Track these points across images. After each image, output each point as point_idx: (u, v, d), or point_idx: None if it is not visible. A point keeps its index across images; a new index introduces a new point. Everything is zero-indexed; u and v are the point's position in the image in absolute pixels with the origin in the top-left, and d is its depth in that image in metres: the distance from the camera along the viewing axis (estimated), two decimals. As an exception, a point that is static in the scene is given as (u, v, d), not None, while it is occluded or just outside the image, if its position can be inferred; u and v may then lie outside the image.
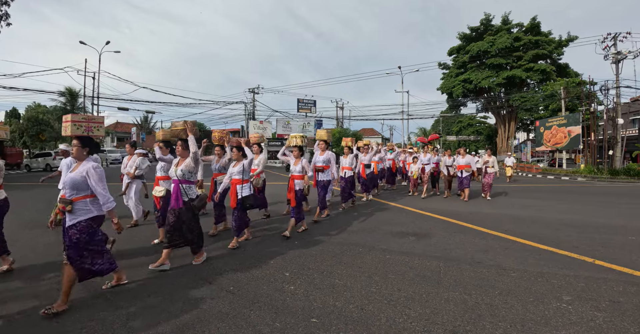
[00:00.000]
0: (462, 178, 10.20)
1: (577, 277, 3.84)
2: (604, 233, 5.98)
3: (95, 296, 3.32)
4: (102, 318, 2.85)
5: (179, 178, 4.12)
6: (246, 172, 5.10)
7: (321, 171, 7.03)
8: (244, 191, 5.05)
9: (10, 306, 3.07)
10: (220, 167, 6.17)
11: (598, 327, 2.72)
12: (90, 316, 2.88)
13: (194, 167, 4.18)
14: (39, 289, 3.49)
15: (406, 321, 2.79)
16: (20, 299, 3.24)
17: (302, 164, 5.89)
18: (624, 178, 19.07)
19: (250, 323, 2.76)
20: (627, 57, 21.38)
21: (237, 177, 5.10)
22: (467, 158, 10.28)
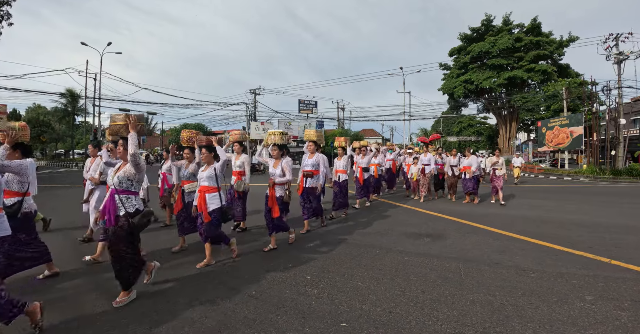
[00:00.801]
0: (466, 181, 9.70)
1: (595, 277, 3.89)
2: (614, 233, 6.04)
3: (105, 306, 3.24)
4: (125, 325, 2.83)
5: (116, 186, 3.32)
6: (219, 178, 4.40)
7: (310, 177, 6.13)
8: (213, 201, 4.31)
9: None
10: (190, 173, 5.17)
11: (624, 326, 2.77)
12: (112, 324, 2.87)
13: (134, 173, 3.38)
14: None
15: (436, 324, 2.83)
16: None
17: (282, 166, 5.16)
18: (627, 178, 19.14)
19: (279, 329, 2.76)
20: (629, 57, 21.50)
21: (205, 183, 4.36)
22: (470, 159, 9.75)
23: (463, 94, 35.17)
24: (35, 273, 3.93)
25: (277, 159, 5.28)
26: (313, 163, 6.19)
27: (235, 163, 6.16)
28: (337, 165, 7.73)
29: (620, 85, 22.38)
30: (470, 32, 34.96)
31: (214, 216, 4.30)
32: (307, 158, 6.27)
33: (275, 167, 5.21)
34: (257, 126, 43.43)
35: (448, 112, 43.66)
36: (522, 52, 32.02)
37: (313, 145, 6.36)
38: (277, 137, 5.59)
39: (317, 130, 6.68)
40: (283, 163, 5.19)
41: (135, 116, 3.47)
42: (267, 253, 4.90)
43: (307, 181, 6.14)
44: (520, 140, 41.47)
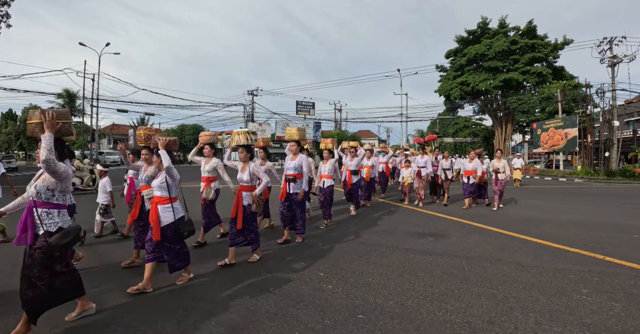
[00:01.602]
0: (469, 185, 9.06)
1: (591, 272, 4.16)
2: (609, 232, 6.34)
3: (141, 301, 3.44)
4: (154, 321, 2.97)
5: (34, 198, 2.78)
6: (172, 187, 3.77)
7: (292, 182, 5.48)
8: (166, 214, 3.71)
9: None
10: (149, 177, 4.62)
11: (617, 315, 3.04)
12: (141, 320, 3.00)
13: (54, 182, 2.79)
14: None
15: (445, 314, 3.08)
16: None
17: (250, 170, 4.53)
18: (620, 179, 19.55)
19: (301, 321, 2.97)
20: (622, 60, 22.00)
21: (157, 193, 3.77)
22: (474, 163, 9.10)
23: (459, 96, 35.54)
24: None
25: (245, 162, 4.64)
26: (296, 166, 5.53)
27: (204, 168, 5.63)
28: (322, 169, 6.90)
29: (614, 87, 22.86)
30: (467, 35, 35.37)
31: (167, 234, 3.68)
32: (290, 160, 5.63)
33: (243, 171, 4.57)
34: (255, 127, 43.64)
35: (444, 114, 44.06)
36: (517, 55, 32.46)
37: (295, 145, 5.69)
38: (242, 137, 4.76)
39: (299, 128, 6.02)
40: (251, 167, 4.56)
41: (53, 112, 2.80)
42: (277, 254, 5.09)
43: (291, 186, 5.49)
44: (516, 141, 42.02)
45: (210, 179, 5.57)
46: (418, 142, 20.11)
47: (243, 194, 4.49)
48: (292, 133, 5.90)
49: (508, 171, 9.28)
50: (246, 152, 4.67)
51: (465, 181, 9.21)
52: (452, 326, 2.87)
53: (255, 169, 4.55)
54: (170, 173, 3.70)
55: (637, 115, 32.54)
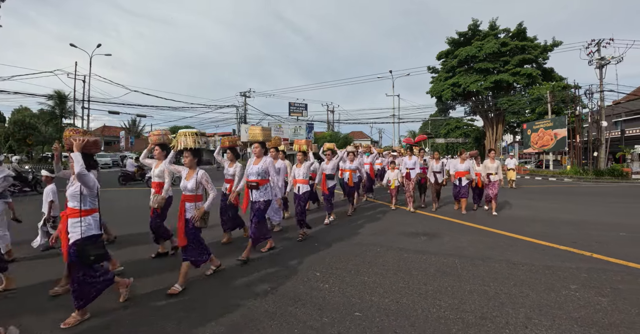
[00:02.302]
0: (461, 187, 8.59)
1: (579, 269, 4.30)
2: (597, 230, 6.51)
3: (140, 303, 3.46)
4: (154, 322, 3.02)
5: None
6: (85, 197, 3.19)
7: (255, 189, 4.85)
8: (75, 230, 3.11)
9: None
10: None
11: (604, 310, 3.17)
12: (141, 322, 3.03)
13: None
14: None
15: (439, 311, 3.18)
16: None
17: (197, 178, 3.89)
18: (608, 178, 19.94)
19: (300, 320, 3.04)
20: (610, 62, 22.44)
21: (70, 204, 3.20)
22: (467, 164, 8.60)
23: (451, 97, 35.87)
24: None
25: (192, 168, 3.99)
26: (259, 171, 4.84)
27: (153, 172, 5.07)
28: (296, 173, 6.26)
29: (602, 88, 23.30)
30: (458, 37, 35.74)
31: (72, 253, 3.08)
32: (252, 164, 4.93)
33: (188, 179, 3.91)
34: (247, 129, 43.50)
35: (436, 115, 44.41)
36: (507, 56, 32.86)
37: (259, 147, 4.99)
38: (190, 139, 4.12)
39: (263, 128, 5.30)
40: (199, 174, 3.91)
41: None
42: (272, 254, 5.13)
43: (253, 194, 4.91)
44: (507, 141, 42.52)
45: (161, 185, 4.95)
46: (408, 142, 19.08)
47: (186, 205, 3.88)
48: (256, 133, 5.22)
49: (501, 173, 8.58)
50: (192, 157, 4.02)
51: (456, 184, 8.65)
52: (446, 322, 2.97)
53: (204, 178, 3.90)
54: (83, 181, 3.09)
55: (625, 116, 33.13)
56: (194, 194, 3.91)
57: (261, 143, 5.06)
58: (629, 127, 32.60)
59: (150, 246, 5.14)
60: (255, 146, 5.01)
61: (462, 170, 8.62)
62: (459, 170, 8.64)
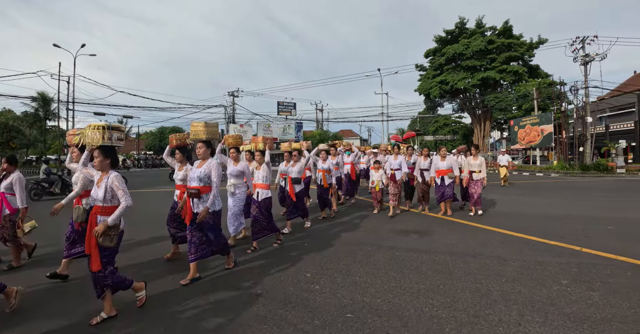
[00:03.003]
0: (445, 187, 7.73)
1: (569, 264, 4.30)
2: (584, 224, 6.58)
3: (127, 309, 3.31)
4: (141, 328, 2.90)
5: None
6: None
7: (196, 197, 4.05)
8: None
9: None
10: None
11: (595, 304, 3.16)
12: (127, 328, 2.92)
13: None
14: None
15: (432, 310, 3.13)
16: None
17: (108, 184, 3.14)
18: (594, 173, 20.29)
19: (291, 323, 2.96)
20: (594, 59, 22.87)
21: None
22: (448, 161, 7.75)
23: (439, 94, 36.17)
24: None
25: (104, 171, 3.25)
26: (201, 176, 4.03)
27: (73, 178, 4.31)
28: (256, 177, 5.49)
29: (587, 85, 23.74)
30: (445, 35, 36.00)
31: None
32: (196, 167, 4.19)
33: (99, 185, 3.20)
34: (236, 128, 43.22)
35: (424, 112, 44.76)
36: (494, 54, 33.25)
37: (204, 147, 4.21)
38: (98, 134, 3.29)
39: (207, 123, 4.55)
40: (109, 179, 3.16)
41: None
42: (263, 256, 5.02)
43: (194, 203, 4.07)
44: (494, 138, 43.06)
45: (87, 193, 4.04)
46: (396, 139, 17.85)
47: (98, 219, 3.12)
48: (198, 130, 4.43)
49: (485, 171, 7.80)
50: (103, 157, 3.23)
51: (438, 183, 7.82)
52: (439, 321, 2.92)
53: (115, 182, 3.13)
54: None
55: (609, 111, 33.82)
56: (108, 205, 3.14)
57: (205, 143, 4.27)
58: (613, 122, 33.30)
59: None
60: (199, 146, 4.24)
61: (443, 168, 7.75)
62: (439, 168, 7.78)
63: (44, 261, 4.79)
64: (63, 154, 32.42)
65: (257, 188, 5.41)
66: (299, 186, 6.50)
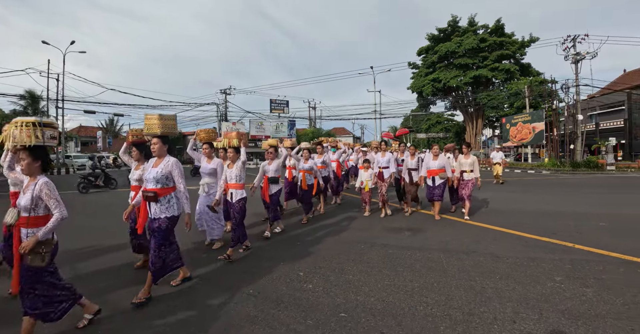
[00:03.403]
0: (434, 188, 7.09)
1: (562, 260, 4.30)
2: (576, 220, 6.61)
3: (117, 312, 3.22)
4: (129, 331, 2.83)
5: None
6: None
7: (153, 201, 3.51)
8: None
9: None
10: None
11: (589, 301, 3.15)
12: (115, 330, 2.86)
13: None
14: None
15: (426, 308, 3.10)
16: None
17: (35, 191, 2.67)
18: (585, 170, 20.52)
19: (283, 323, 2.90)
20: (585, 57, 23.08)
21: None
22: (441, 160, 7.11)
23: (431, 92, 36.31)
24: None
25: (31, 177, 2.78)
26: (157, 177, 3.52)
27: (10, 179, 3.71)
28: (228, 176, 4.92)
29: (578, 83, 23.95)
30: (438, 33, 36.10)
31: None
32: (151, 167, 3.65)
33: (25, 192, 2.75)
34: (229, 126, 42.99)
35: (417, 110, 44.91)
36: (486, 52, 33.43)
37: (159, 143, 3.68)
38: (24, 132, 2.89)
39: (162, 116, 4.04)
40: (37, 187, 2.69)
41: None
42: (254, 255, 4.96)
43: (152, 208, 3.53)
44: (486, 135, 43.33)
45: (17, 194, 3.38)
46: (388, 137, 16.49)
47: (22, 232, 2.69)
48: (152, 124, 3.89)
49: (478, 170, 7.28)
50: (30, 159, 2.75)
51: (430, 185, 7.15)
52: (433, 319, 2.89)
53: (44, 190, 2.66)
54: None
55: (599, 109, 34.16)
56: (34, 215, 2.67)
57: (161, 138, 3.72)
58: (603, 120, 33.69)
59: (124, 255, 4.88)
60: (154, 142, 3.71)
61: (435, 167, 7.11)
62: (431, 168, 7.14)
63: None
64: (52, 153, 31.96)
65: (231, 189, 4.85)
66: (276, 187, 6.01)
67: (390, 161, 7.42)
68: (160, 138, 3.73)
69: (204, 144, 5.33)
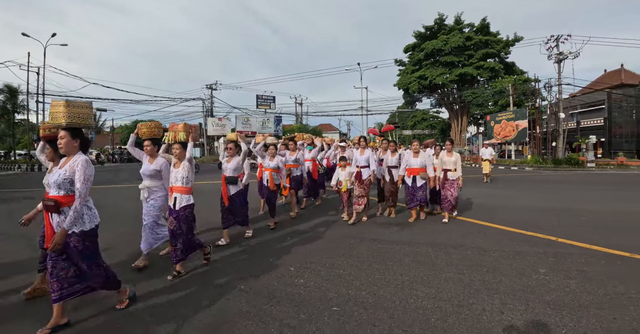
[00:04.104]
0: (415, 189, 6.40)
1: (546, 253, 4.43)
2: (560, 215, 6.81)
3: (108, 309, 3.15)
4: (120, 329, 2.79)
5: None
6: None
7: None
8: None
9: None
10: None
11: (573, 292, 3.27)
12: (107, 328, 2.80)
13: None
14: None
15: (417, 301, 3.15)
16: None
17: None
18: (566, 166, 21.08)
19: (276, 318, 2.90)
20: (567, 57, 23.65)
21: None
22: (422, 157, 6.42)
23: (417, 89, 36.70)
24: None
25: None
26: (58, 180, 2.81)
27: None
28: (173, 177, 4.05)
29: (560, 82, 24.55)
30: (424, 30, 36.44)
31: None
32: (57, 168, 2.95)
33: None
34: (215, 122, 42.56)
35: (403, 107, 45.30)
36: (472, 50, 33.91)
37: (67, 136, 2.90)
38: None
39: (70, 103, 3.06)
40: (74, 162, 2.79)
41: None
42: (244, 250, 4.93)
43: (54, 221, 2.83)
44: (471, 133, 44.03)
45: None
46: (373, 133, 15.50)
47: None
48: (58, 112, 2.98)
49: (460, 169, 6.56)
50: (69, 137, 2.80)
51: (409, 184, 6.49)
52: (424, 311, 2.94)
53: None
54: None
55: (580, 108, 35.08)
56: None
57: (69, 131, 2.91)
58: (584, 119, 34.61)
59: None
60: (61, 135, 2.90)
61: (416, 166, 6.40)
62: (412, 166, 6.44)
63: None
64: (33, 149, 31.06)
65: (175, 193, 3.96)
66: (235, 188, 5.23)
67: (370, 159, 6.51)
68: (67, 130, 2.92)
69: (146, 141, 4.39)
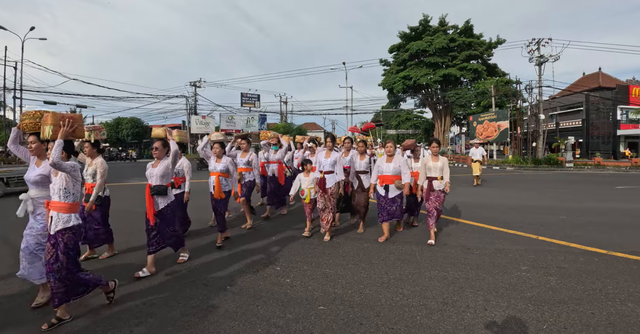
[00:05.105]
0: (388, 201, 5.19)
1: (527, 251, 4.55)
2: (539, 214, 6.99)
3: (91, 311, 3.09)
4: (104, 331, 2.70)
5: None
6: None
7: None
8: None
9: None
10: None
11: (553, 288, 3.36)
12: (88, 331, 2.73)
13: None
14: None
15: (403, 299, 3.18)
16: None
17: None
18: (545, 166, 21.67)
19: (262, 318, 2.88)
20: (548, 60, 24.32)
21: None
22: (396, 163, 5.16)
23: (402, 89, 36.99)
24: None
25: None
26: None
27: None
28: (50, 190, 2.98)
29: (541, 84, 25.24)
30: (409, 31, 36.74)
31: None
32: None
33: None
34: (198, 120, 42.03)
35: (388, 106, 45.66)
36: (455, 52, 34.40)
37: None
38: None
39: None
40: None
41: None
42: (229, 250, 4.86)
43: None
44: (454, 133, 44.76)
45: None
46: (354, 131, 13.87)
47: None
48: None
49: (448, 176, 5.06)
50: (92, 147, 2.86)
51: (381, 194, 5.28)
52: (410, 309, 2.98)
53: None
54: None
55: (560, 109, 36.09)
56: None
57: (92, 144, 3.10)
58: (563, 120, 35.64)
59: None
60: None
61: (389, 172, 5.19)
62: (384, 173, 5.23)
63: None
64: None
65: (51, 211, 2.88)
66: (164, 200, 3.97)
67: (337, 164, 5.34)
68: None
69: (30, 136, 3.24)
